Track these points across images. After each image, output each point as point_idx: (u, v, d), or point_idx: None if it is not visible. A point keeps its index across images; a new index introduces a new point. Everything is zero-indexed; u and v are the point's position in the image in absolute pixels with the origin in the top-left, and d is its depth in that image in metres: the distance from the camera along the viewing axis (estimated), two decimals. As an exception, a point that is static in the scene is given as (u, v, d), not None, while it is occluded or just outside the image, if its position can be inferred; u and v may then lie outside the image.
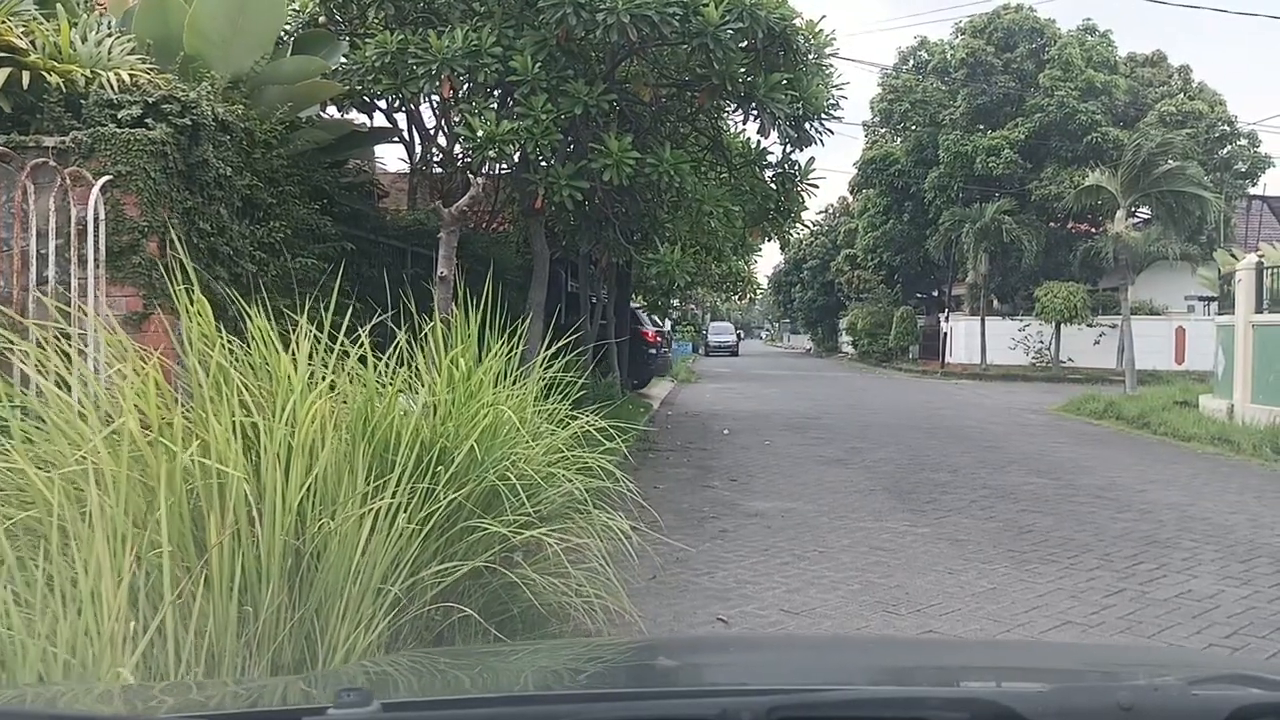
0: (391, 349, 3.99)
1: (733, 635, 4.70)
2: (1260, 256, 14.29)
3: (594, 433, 5.17)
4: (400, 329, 4.49)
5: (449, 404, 4.15)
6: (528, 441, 4.39)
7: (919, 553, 6.47)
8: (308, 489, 2.90)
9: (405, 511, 3.14)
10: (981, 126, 31.55)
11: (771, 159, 8.77)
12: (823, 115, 8.31)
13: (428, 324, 4.89)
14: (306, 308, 3.66)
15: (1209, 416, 14.33)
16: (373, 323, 4.17)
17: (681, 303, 17.10)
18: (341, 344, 3.80)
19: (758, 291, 19.53)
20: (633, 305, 18.85)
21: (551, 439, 4.69)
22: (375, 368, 3.88)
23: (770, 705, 1.29)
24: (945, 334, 34.95)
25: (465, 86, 7.36)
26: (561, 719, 1.34)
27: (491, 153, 6.99)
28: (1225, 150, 28.78)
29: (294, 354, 3.45)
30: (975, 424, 15.49)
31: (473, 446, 3.75)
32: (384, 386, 3.78)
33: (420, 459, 3.51)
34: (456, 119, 7.54)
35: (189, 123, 5.92)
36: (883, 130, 37.63)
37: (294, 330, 3.75)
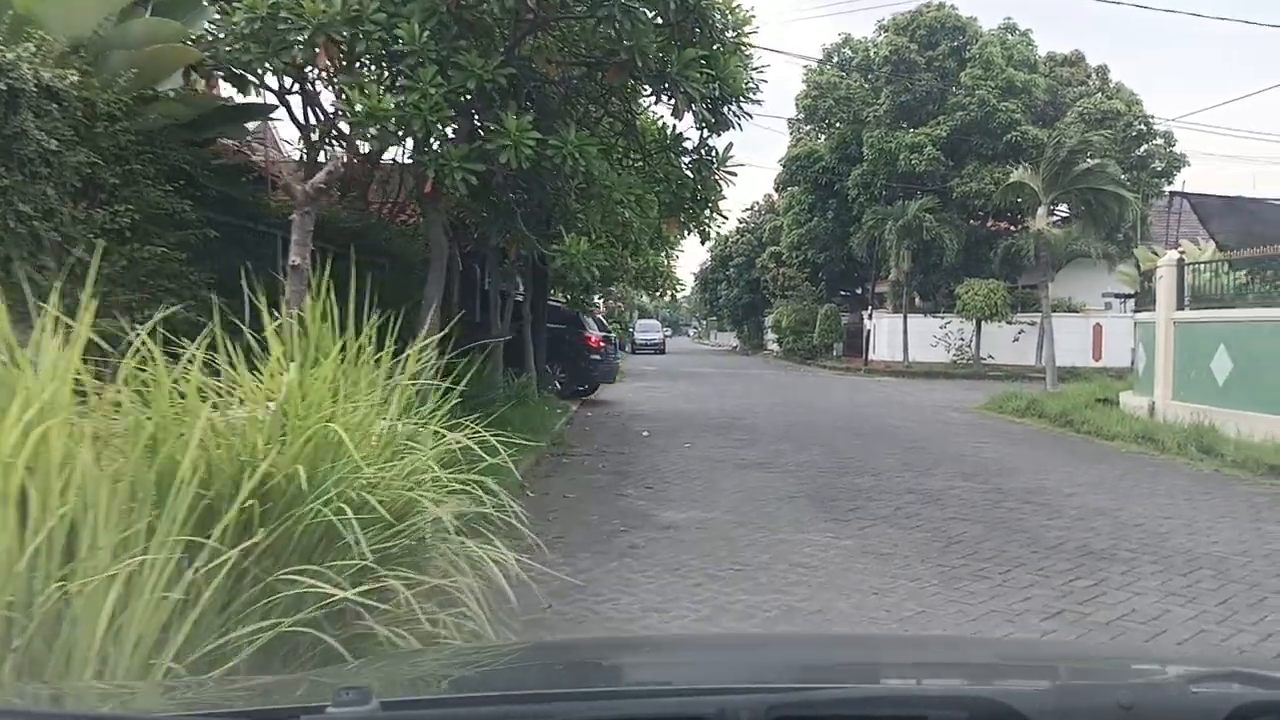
0: (195, 347, 3.24)
1: (732, 634, 4.63)
2: (1181, 253, 14.26)
3: (492, 444, 4.46)
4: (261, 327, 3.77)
5: (281, 418, 3.44)
6: (382, 462, 3.69)
7: (842, 570, 5.95)
8: (44, 538, 2.19)
9: (193, 564, 2.45)
10: (905, 124, 31.60)
11: (688, 145, 8.20)
12: (742, 98, 7.75)
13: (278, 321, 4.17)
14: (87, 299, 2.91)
15: (1131, 414, 14.26)
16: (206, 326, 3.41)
17: (604, 299, 16.28)
18: (142, 346, 3.06)
19: (679, 288, 18.95)
20: (552, 302, 18.06)
21: (415, 458, 3.99)
22: (184, 376, 3.14)
23: (769, 704, 1.27)
24: (869, 331, 35.01)
25: (345, 57, 6.59)
26: (561, 717, 1.34)
27: (373, 130, 6.24)
28: (1142, 149, 29.28)
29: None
30: (899, 423, 15.19)
31: (297, 472, 3.04)
32: (182, 399, 3.05)
33: (225, 492, 2.81)
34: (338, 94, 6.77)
35: (2, 88, 5.07)
36: (807, 127, 37.55)
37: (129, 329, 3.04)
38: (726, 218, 9.33)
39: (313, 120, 8.03)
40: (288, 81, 7.08)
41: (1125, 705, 1.29)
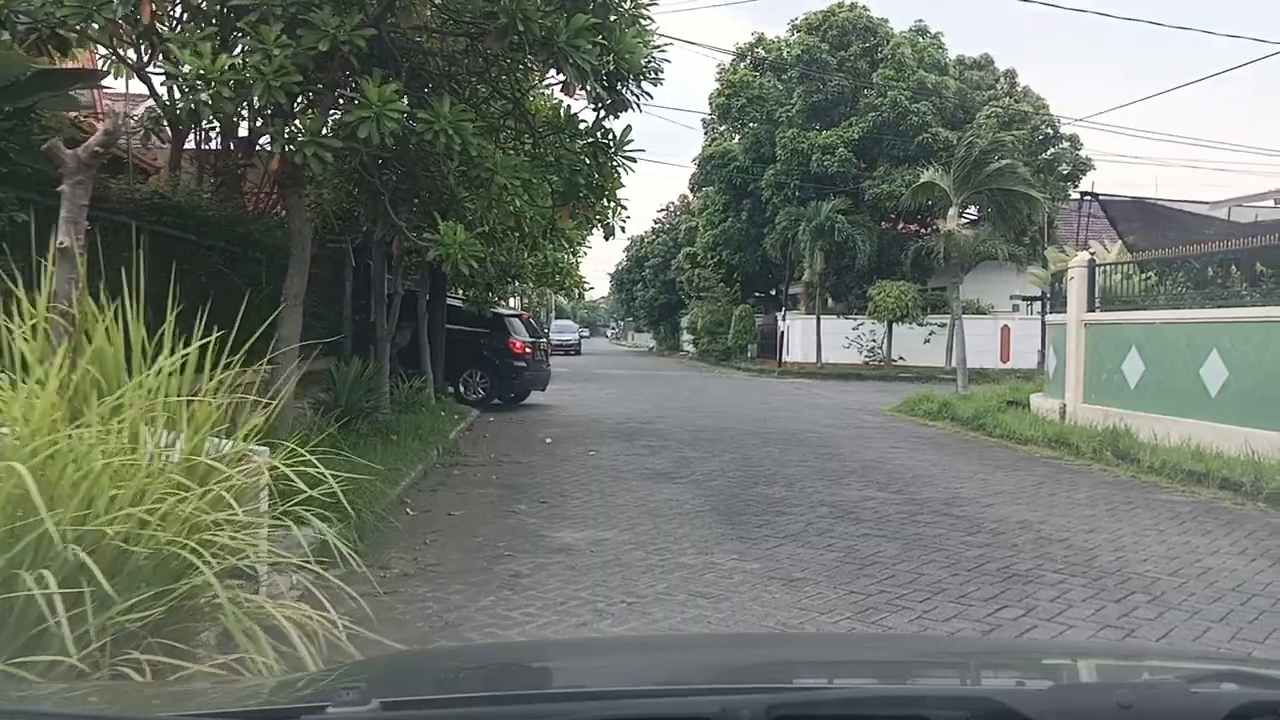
0: None
1: (733, 634, 4.56)
2: (1092, 254, 14.13)
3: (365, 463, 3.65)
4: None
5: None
6: (153, 501, 2.86)
7: (748, 600, 5.29)
8: None
9: None
10: (817, 125, 31.48)
11: (583, 126, 7.44)
12: (641, 76, 7.04)
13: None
14: None
15: (1042, 417, 14.07)
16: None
17: (506, 298, 15.27)
18: None
19: (586, 287, 18.10)
20: (452, 301, 17.02)
21: (212, 490, 3.16)
22: None
23: (770, 704, 1.26)
24: (783, 333, 34.83)
25: (176, 12, 5.66)
26: (561, 717, 1.33)
27: (205, 96, 5.34)
28: (1049, 152, 29.70)
29: None
30: (812, 427, 14.73)
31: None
32: None
33: None
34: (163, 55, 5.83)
35: None
36: (722, 127, 37.24)
37: None
38: (625, 208, 8.62)
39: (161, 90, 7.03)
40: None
41: (1125, 705, 1.27)
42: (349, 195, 9.84)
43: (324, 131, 5.77)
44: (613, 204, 8.13)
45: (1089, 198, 15.58)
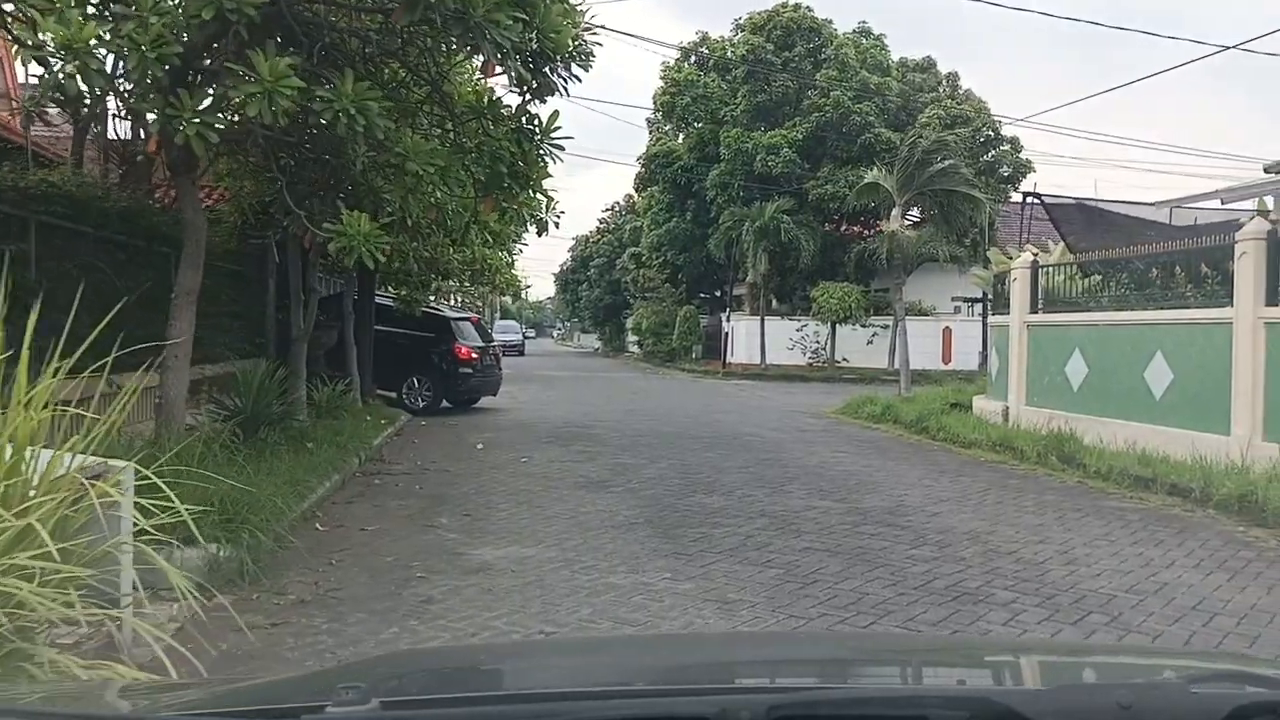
0: None
1: (733, 633, 4.58)
2: (1035, 255, 13.98)
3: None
4: None
5: None
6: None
7: (679, 626, 4.83)
8: None
9: None
10: (762, 125, 31.25)
11: (507, 112, 6.90)
12: (570, 59, 6.55)
13: None
14: None
15: (985, 419, 13.88)
16: None
17: (440, 298, 14.51)
18: None
19: (520, 286, 17.56)
20: (430, 308, 16.28)
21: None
22: None
23: (770, 704, 1.24)
24: (727, 334, 34.58)
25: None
26: (561, 717, 1.32)
27: (71, 69, 4.72)
28: (990, 154, 29.84)
29: None
30: (754, 430, 14.37)
31: None
32: None
33: None
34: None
35: None
36: (667, 127, 36.87)
37: None
38: (552, 198, 8.12)
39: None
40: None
41: (1125, 705, 1.26)
42: (271, 186, 9.20)
43: (209, 109, 5.17)
44: (538, 194, 7.60)
45: (1032, 198, 15.43)
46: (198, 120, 5.08)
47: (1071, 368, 12.24)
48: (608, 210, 58.34)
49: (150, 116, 5.47)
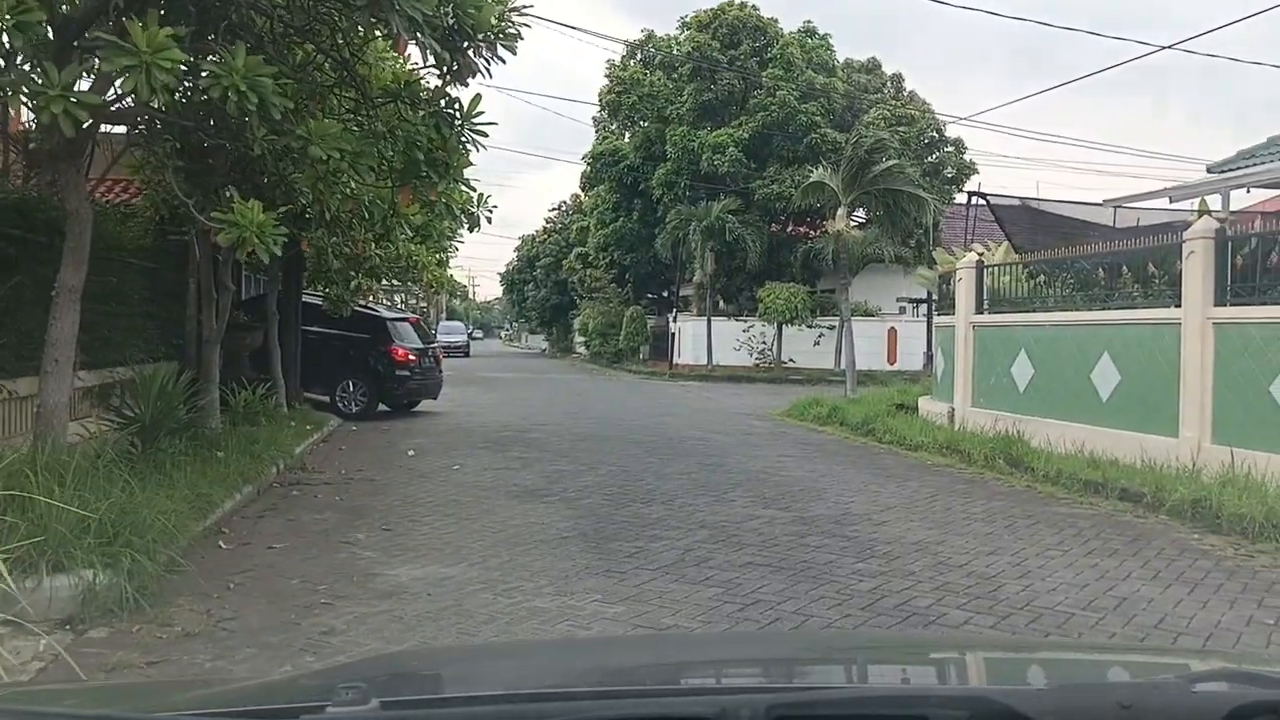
0: None
1: (732, 634, 4.55)
2: (980, 255, 13.80)
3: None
4: None
5: None
6: None
7: (605, 660, 4.37)
8: None
9: None
10: (708, 124, 30.97)
11: (426, 95, 6.37)
12: (493, 39, 6.07)
13: None
14: None
15: (931, 421, 13.68)
16: None
17: (376, 297, 13.78)
18: None
19: (452, 285, 17.00)
20: (361, 307, 15.54)
21: None
22: None
23: (769, 704, 1.23)
24: (674, 335, 34.24)
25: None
26: (561, 717, 1.31)
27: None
28: (934, 156, 29.91)
29: None
30: (699, 433, 13.99)
31: None
32: None
33: None
34: None
35: None
36: (613, 125, 36.45)
37: None
38: (484, 194, 7.62)
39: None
40: None
41: (1125, 705, 1.25)
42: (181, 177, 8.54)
43: (93, 88, 4.60)
44: (459, 184, 7.07)
45: (977, 198, 15.30)
46: (64, 97, 4.49)
47: (1017, 369, 12.07)
48: (554, 210, 57.78)
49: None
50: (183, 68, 4.65)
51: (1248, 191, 12.68)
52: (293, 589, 5.56)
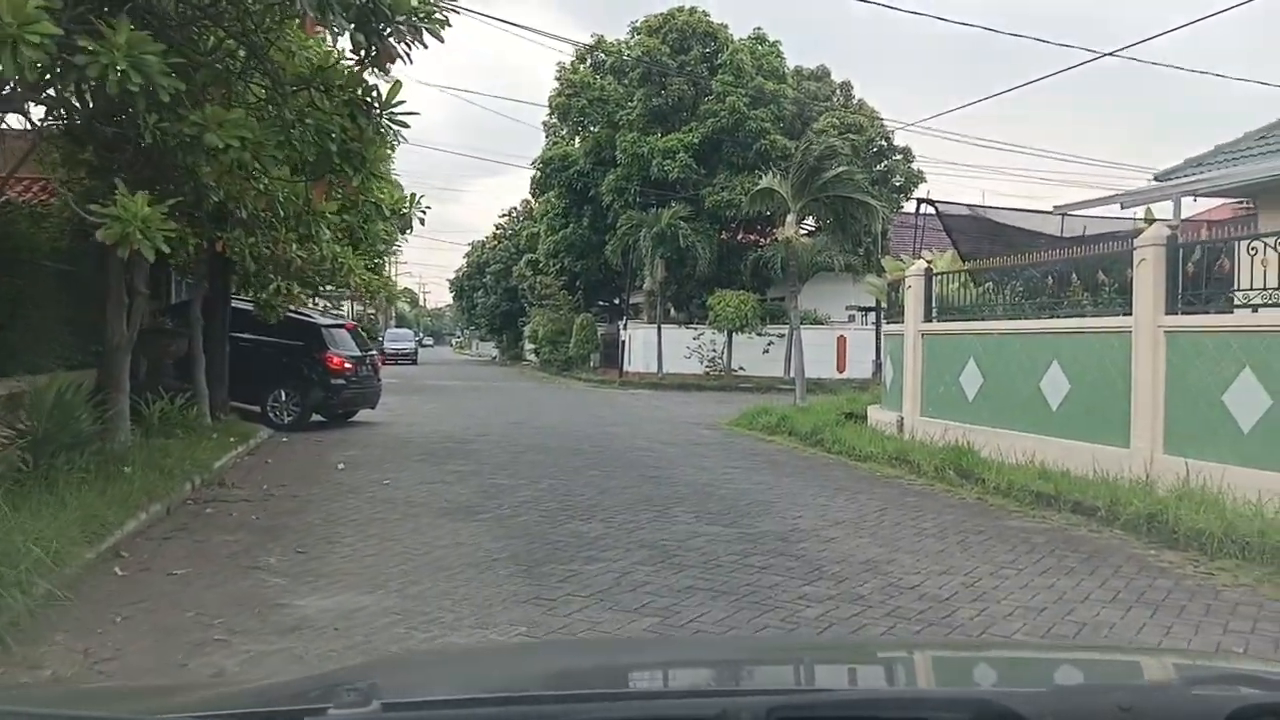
0: None
1: (733, 637, 4.56)
2: (929, 262, 13.62)
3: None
4: None
5: None
6: None
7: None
8: None
9: None
10: (658, 129, 30.67)
11: (340, 82, 5.89)
12: (416, 23, 5.62)
13: None
14: None
15: (880, 431, 13.44)
16: None
17: (294, 301, 12.99)
18: None
19: (389, 291, 16.39)
20: (295, 312, 14.82)
21: None
22: None
23: (770, 706, 1.24)
24: (624, 342, 33.84)
25: None
26: (561, 719, 1.33)
27: None
28: (883, 164, 29.92)
29: None
30: (645, 444, 13.60)
31: None
32: None
33: None
34: None
35: None
36: (563, 130, 36.01)
37: None
38: (384, 178, 7.11)
39: None
40: None
41: (1125, 707, 1.26)
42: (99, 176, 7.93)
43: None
44: (376, 178, 6.58)
45: (925, 205, 15.14)
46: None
47: (966, 378, 11.87)
48: (505, 216, 57.11)
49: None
50: (54, 44, 4.13)
51: (1194, 200, 12.66)
52: (186, 623, 5.04)
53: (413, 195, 7.51)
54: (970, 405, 11.71)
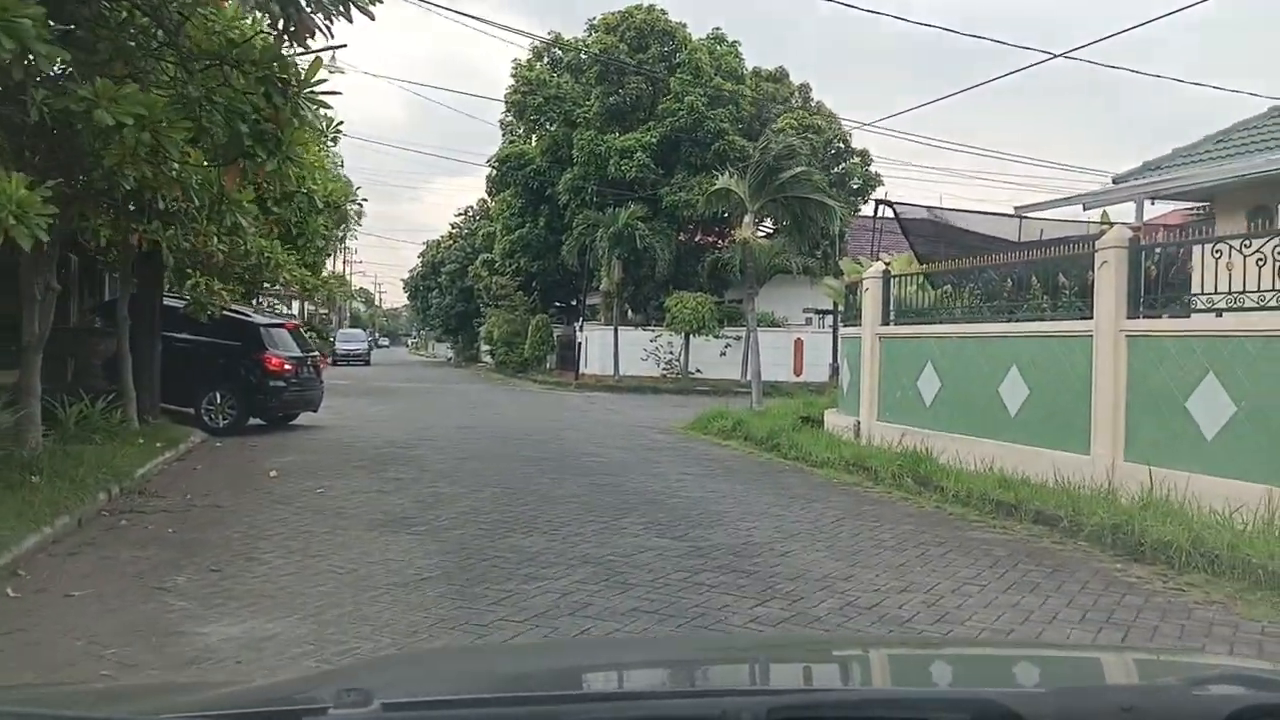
0: None
1: (733, 637, 4.57)
2: (887, 264, 13.37)
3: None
4: None
5: None
6: None
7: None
8: None
9: None
10: (616, 128, 30.27)
11: (255, 56, 5.37)
12: (340, -3, 5.15)
13: None
14: None
15: (837, 435, 13.17)
16: None
17: (217, 298, 12.20)
18: None
19: (330, 289, 15.80)
20: (232, 311, 14.13)
21: None
22: None
23: (770, 706, 1.24)
24: (580, 344, 33.37)
25: None
26: (561, 718, 1.33)
27: None
28: (840, 167, 29.81)
29: None
30: (597, 450, 13.18)
31: None
32: None
33: None
34: None
35: None
36: (520, 129, 35.46)
37: None
38: (318, 167, 6.61)
39: None
40: None
41: (1125, 707, 1.27)
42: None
43: None
44: (292, 163, 6.05)
45: (884, 206, 14.90)
46: None
47: (924, 382, 11.62)
48: (461, 215, 56.33)
49: None
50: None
51: (1152, 203, 12.54)
52: (74, 653, 4.53)
53: (344, 184, 7.01)
54: (928, 410, 11.46)
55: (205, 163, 5.83)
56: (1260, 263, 7.44)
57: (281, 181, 6.19)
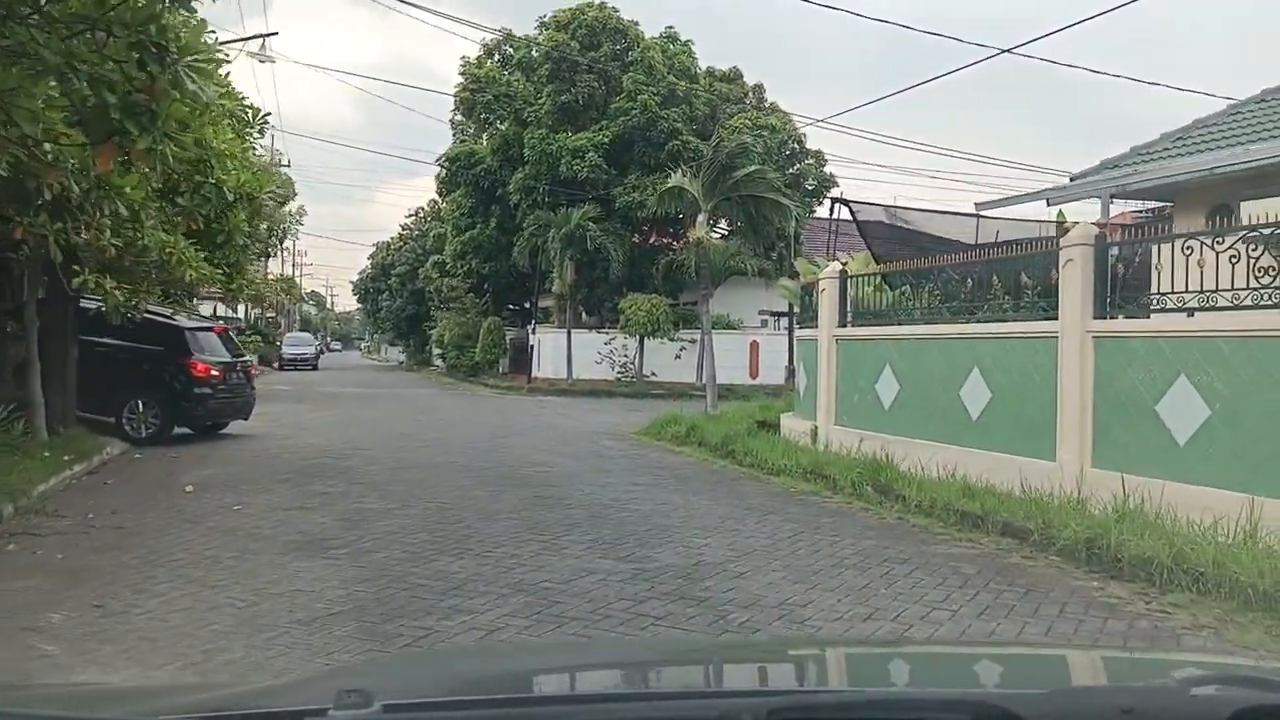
0: None
1: (732, 638, 4.59)
2: (844, 265, 12.93)
3: None
4: None
5: None
6: None
7: None
8: None
9: None
10: (568, 127, 29.65)
11: (129, 19, 4.68)
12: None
13: None
14: None
15: (793, 440, 12.70)
16: None
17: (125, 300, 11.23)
18: None
19: (253, 291, 14.99)
20: (155, 313, 13.25)
21: None
22: None
23: (770, 707, 1.25)
24: (533, 347, 32.68)
25: None
26: (562, 719, 1.34)
27: None
28: (795, 168, 29.48)
29: None
30: (544, 458, 12.56)
31: None
32: None
33: None
34: None
35: None
36: (471, 128, 34.68)
37: None
38: (173, 140, 5.89)
39: None
40: None
41: (1125, 708, 1.26)
42: None
43: None
44: (163, 138, 5.34)
45: (840, 205, 14.50)
46: None
47: (882, 385, 11.18)
48: (411, 216, 55.29)
49: None
50: None
51: (1111, 202, 12.25)
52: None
53: (260, 175, 6.33)
54: (887, 414, 11.02)
55: (82, 143, 5.12)
56: (1234, 260, 7.07)
57: (163, 163, 5.48)
